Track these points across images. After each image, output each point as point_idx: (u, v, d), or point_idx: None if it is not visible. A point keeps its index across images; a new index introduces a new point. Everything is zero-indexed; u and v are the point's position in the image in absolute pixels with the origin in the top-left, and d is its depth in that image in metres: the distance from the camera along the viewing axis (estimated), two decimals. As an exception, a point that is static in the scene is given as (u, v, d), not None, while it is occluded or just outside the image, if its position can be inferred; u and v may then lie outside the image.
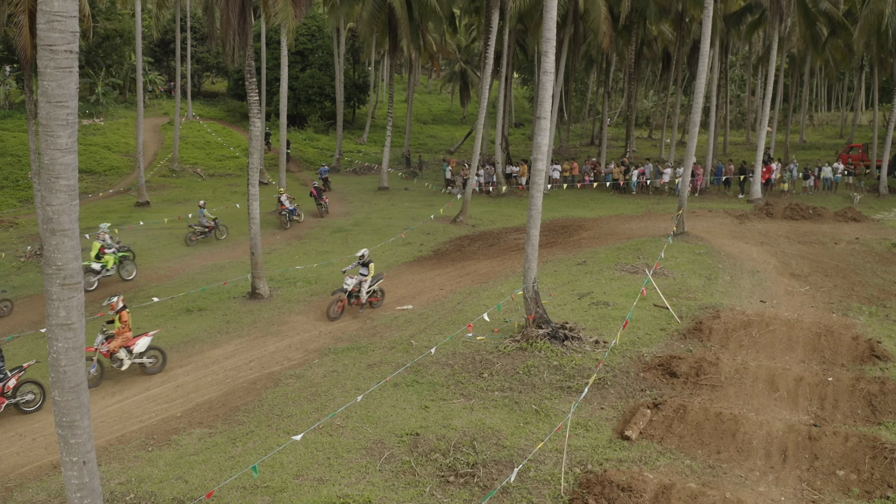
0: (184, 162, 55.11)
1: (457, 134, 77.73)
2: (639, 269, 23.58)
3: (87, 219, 38.14)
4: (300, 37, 71.06)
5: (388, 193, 43.01)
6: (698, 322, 18.14)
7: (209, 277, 25.48)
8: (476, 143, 31.96)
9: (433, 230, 30.80)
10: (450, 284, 23.00)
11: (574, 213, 33.51)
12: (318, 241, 30.32)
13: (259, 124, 20.51)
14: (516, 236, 29.12)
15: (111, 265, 25.74)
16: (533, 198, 17.12)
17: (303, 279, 24.04)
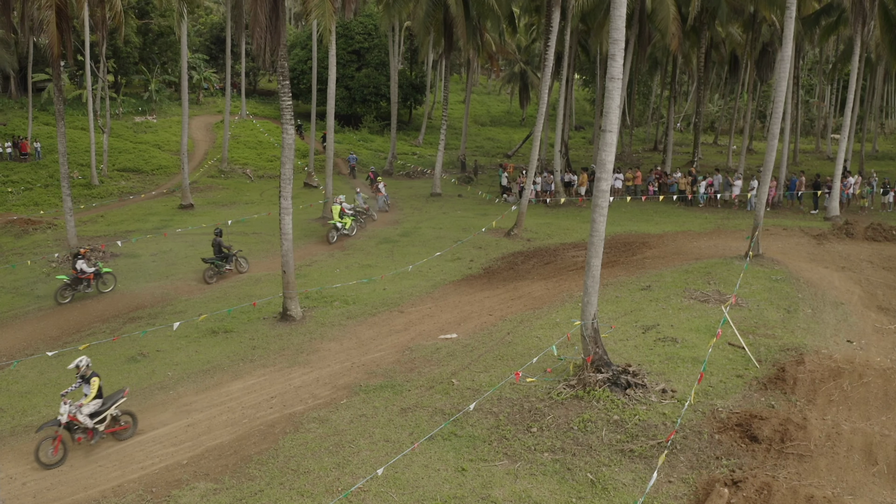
0: (233, 162, 53.92)
1: (515, 137, 75.49)
2: (709, 298, 21.20)
3: (127, 221, 37.08)
4: (356, 35, 69.69)
5: (441, 200, 41.03)
6: (780, 368, 15.74)
7: (242, 293, 23.80)
8: (534, 150, 29.73)
9: (485, 244, 28.71)
10: (500, 309, 20.87)
11: (637, 228, 31.07)
12: (363, 254, 28.46)
13: (291, 131, 18.67)
14: (574, 253, 26.86)
15: (349, 226, 31.76)
16: (595, 222, 14.92)
17: (340, 298, 22.15)
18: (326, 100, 63.60)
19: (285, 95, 18.62)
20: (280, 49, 17.63)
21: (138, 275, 27.08)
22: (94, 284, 24.61)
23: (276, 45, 17.35)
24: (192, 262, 28.42)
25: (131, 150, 54.37)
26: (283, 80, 18.45)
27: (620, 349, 16.95)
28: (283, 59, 17.95)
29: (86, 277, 24.18)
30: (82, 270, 24.01)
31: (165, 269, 27.66)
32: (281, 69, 18.23)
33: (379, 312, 20.78)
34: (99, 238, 34.13)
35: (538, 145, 29.31)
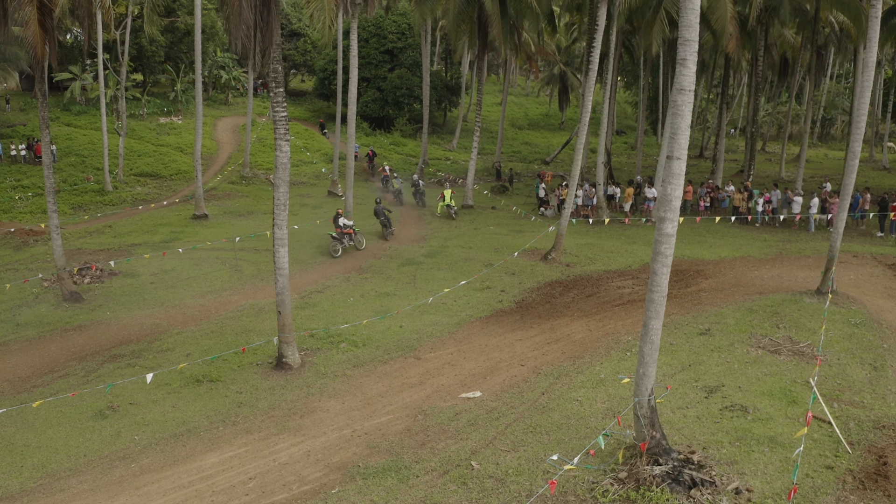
0: (256, 167, 51.30)
1: (554, 141, 72.12)
2: (780, 347, 17.93)
3: (134, 233, 34.51)
4: (389, 34, 66.88)
5: (473, 213, 37.92)
6: (879, 456, 12.46)
7: (240, 326, 20.93)
8: (576, 162, 26.46)
9: (519, 269, 25.54)
10: (533, 356, 17.71)
11: (690, 253, 27.68)
12: (382, 278, 25.45)
13: (286, 149, 15.69)
14: (619, 284, 23.60)
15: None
16: (656, 274, 11.76)
17: (349, 339, 19.13)
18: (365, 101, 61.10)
19: (279, 105, 15.64)
20: (272, 50, 14.66)
21: (131, 299, 24.39)
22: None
23: (267, 45, 14.39)
24: (194, 285, 25.71)
25: (151, 154, 52.04)
26: (277, 86, 15.47)
27: (679, 421, 13.75)
28: (275, 63, 14.99)
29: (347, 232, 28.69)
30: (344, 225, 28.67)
31: (163, 293, 24.92)
32: (274, 74, 15.27)
33: (392, 359, 17.73)
34: (101, 252, 31.63)
35: (581, 157, 26.06)
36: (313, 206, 40.99)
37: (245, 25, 13.40)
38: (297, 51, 78.89)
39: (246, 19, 13.35)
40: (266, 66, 14.79)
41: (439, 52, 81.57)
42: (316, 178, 50.05)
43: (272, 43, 14.37)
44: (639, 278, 24.17)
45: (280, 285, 16.39)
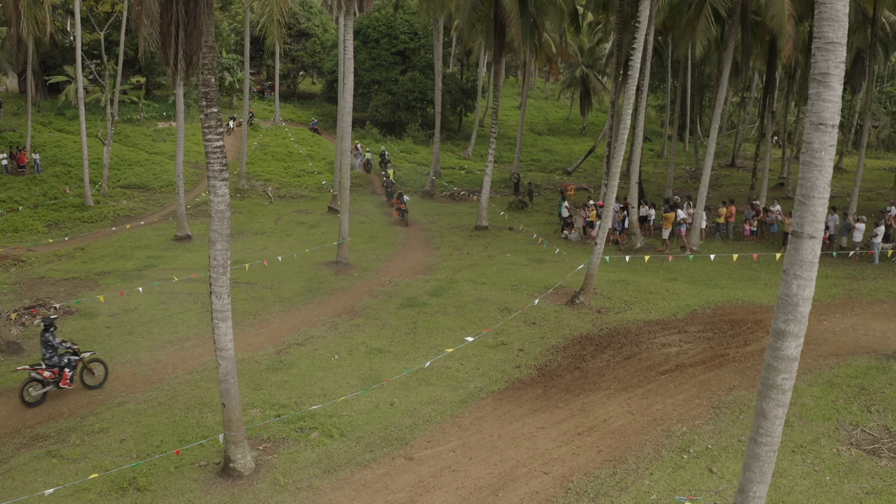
0: (255, 177, 47.38)
1: (575, 148, 67.75)
2: (879, 444, 13.89)
3: (107, 258, 30.67)
4: (401, 35, 62.86)
5: (487, 237, 33.70)
6: None
7: (193, 396, 16.86)
8: (610, 188, 22.12)
9: (540, 317, 21.30)
10: (560, 458, 13.51)
11: (743, 294, 23.37)
12: (376, 325, 21.29)
13: (224, 190, 11.59)
14: (664, 340, 19.33)
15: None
16: (766, 418, 7.80)
17: (322, 424, 15.00)
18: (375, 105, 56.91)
19: (212, 132, 11.46)
20: (202, 56, 10.54)
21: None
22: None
23: (194, 48, 10.29)
24: (155, 331, 21.70)
25: (143, 163, 48.23)
26: (208, 105, 11.31)
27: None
28: (206, 73, 10.87)
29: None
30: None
31: (117, 342, 20.91)
32: (204, 89, 11.14)
33: (375, 459, 13.56)
34: (64, 283, 27.77)
35: (616, 181, 21.75)
36: (310, 225, 36.94)
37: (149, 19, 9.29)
38: (306, 52, 75.01)
39: (151, 10, 9.24)
40: (192, 76, 10.67)
41: (455, 54, 77.41)
42: (317, 190, 46.03)
43: (200, 45, 10.27)
44: (686, 332, 19.89)
45: (223, 370, 12.27)
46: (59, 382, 17.20)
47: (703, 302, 22.32)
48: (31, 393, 16.85)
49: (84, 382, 17.72)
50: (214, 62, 10.98)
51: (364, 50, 63.44)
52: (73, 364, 17.44)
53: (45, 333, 17.17)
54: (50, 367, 17.07)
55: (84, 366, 17.73)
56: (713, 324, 20.49)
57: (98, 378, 17.85)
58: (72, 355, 17.43)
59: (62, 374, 17.18)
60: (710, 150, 28.99)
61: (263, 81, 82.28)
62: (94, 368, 17.97)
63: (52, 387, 17.17)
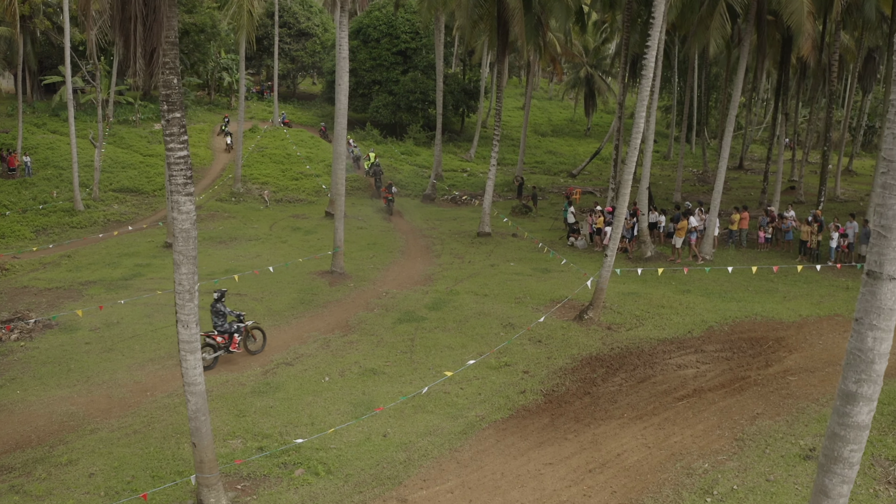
0: (252, 180, 46.04)
1: (580, 150, 66.38)
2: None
3: (94, 266, 29.43)
4: (402, 34, 61.52)
5: (490, 244, 32.35)
6: None
7: (174, 423, 15.54)
8: (622, 196, 20.70)
9: (546, 334, 19.93)
10: (570, 500, 12.18)
11: (762, 309, 21.97)
12: (370, 342, 19.95)
13: (189, 206, 10.28)
14: (680, 361, 17.97)
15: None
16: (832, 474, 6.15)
17: (308, 458, 13.66)
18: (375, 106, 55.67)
19: (175, 140, 10.12)
20: (164, 53, 9.21)
21: (54, 369, 19.13)
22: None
23: (154, 44, 8.97)
24: (137, 347, 20.41)
25: (137, 165, 46.89)
26: (171, 110, 9.96)
27: None
28: (169, 73, 9.54)
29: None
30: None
31: (95, 360, 19.62)
32: (166, 90, 9.80)
33: (364, 503, 12.20)
34: (48, 293, 26.54)
35: (628, 189, 20.37)
36: (306, 231, 35.61)
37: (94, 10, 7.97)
38: (306, 52, 73.69)
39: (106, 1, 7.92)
40: (153, 76, 9.35)
41: (457, 54, 76.07)
42: (315, 194, 44.69)
43: (161, 41, 8.95)
44: (704, 352, 18.53)
45: (193, 407, 10.95)
46: (230, 347, 19.10)
47: (720, 317, 20.95)
48: (205, 357, 18.15)
49: (247, 348, 19.58)
50: (177, 61, 9.65)
51: (364, 50, 62.15)
52: (241, 330, 19.34)
53: (216, 304, 19.09)
54: (221, 334, 19.03)
55: (248, 332, 19.55)
56: (731, 342, 19.12)
57: (258, 343, 19.78)
58: (238, 323, 19.31)
59: (231, 339, 19.09)
60: (723, 154, 27.63)
61: (263, 82, 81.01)
62: (255, 335, 19.84)
63: (222, 351, 19.06)
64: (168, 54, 9.33)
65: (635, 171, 49.66)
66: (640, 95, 18.95)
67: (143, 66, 9.02)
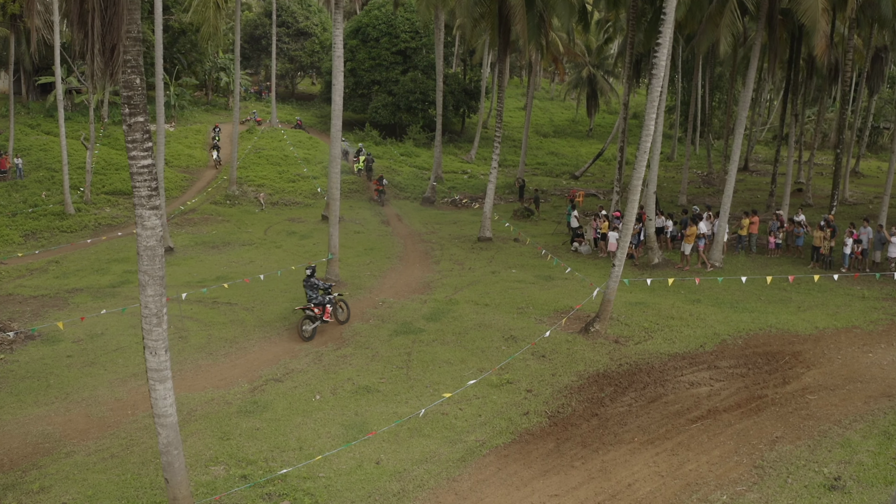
0: (247, 182, 45.08)
1: (582, 151, 65.42)
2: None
3: (82, 272, 28.51)
4: (401, 34, 60.54)
5: (491, 249, 31.37)
6: None
7: (155, 444, 14.53)
8: (632, 203, 19.67)
9: (551, 348, 18.92)
10: (578, 538, 11.17)
11: (776, 321, 20.95)
12: (365, 356, 18.96)
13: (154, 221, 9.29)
14: (692, 378, 16.95)
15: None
16: None
17: (296, 491, 12.65)
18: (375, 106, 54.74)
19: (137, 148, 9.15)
20: (125, 48, 8.22)
21: (33, 384, 18.16)
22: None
23: (115, 39, 7.99)
24: (120, 361, 19.43)
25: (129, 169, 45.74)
26: (133, 114, 8.97)
27: None
28: (130, 70, 8.56)
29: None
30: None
31: (76, 374, 18.64)
32: (127, 92, 8.81)
33: (354, 541, 11.22)
34: (33, 300, 25.61)
35: (637, 195, 19.35)
36: (302, 236, 34.64)
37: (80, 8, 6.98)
38: (304, 51, 72.77)
39: None
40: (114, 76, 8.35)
41: (458, 53, 75.07)
42: (312, 196, 43.71)
43: (122, 36, 7.97)
44: (717, 367, 17.53)
45: (164, 440, 9.96)
46: (324, 317, 20.67)
47: (733, 330, 19.95)
48: (307, 328, 20.36)
49: (337, 318, 21.36)
50: (140, 58, 8.67)
51: (364, 49, 61.20)
52: (332, 301, 21.03)
53: (309, 279, 20.73)
54: (317, 305, 20.63)
55: (336, 303, 21.15)
56: (746, 357, 18.12)
57: (345, 314, 21.58)
58: (328, 294, 20.88)
59: (325, 309, 20.69)
60: (733, 157, 26.59)
61: (262, 82, 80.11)
62: (342, 306, 21.59)
63: (318, 322, 20.63)
64: (130, 51, 8.34)
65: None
66: (650, 96, 17.93)
67: (102, 64, 8.05)
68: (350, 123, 64.62)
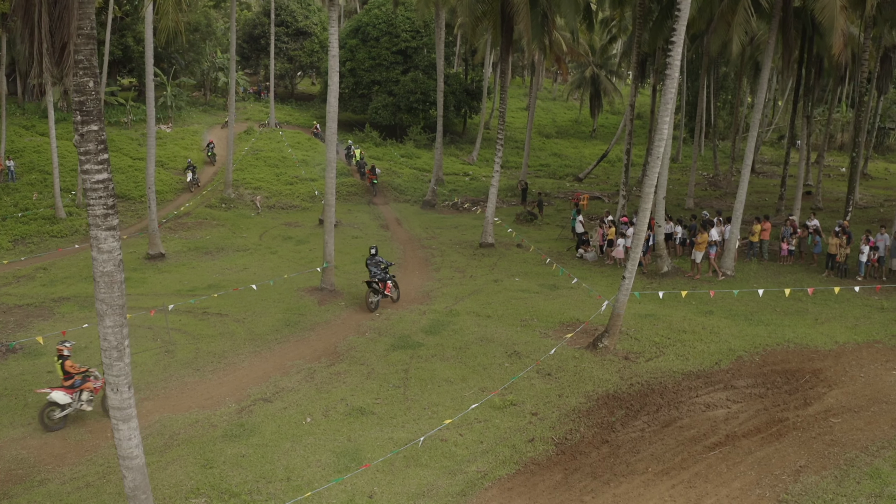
0: (244, 185, 44.08)
1: (585, 152, 64.38)
2: None
3: (70, 280, 27.57)
4: (402, 33, 59.50)
5: (493, 255, 30.33)
6: None
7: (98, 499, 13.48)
8: (644, 208, 18.61)
9: (557, 366, 17.86)
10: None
11: (794, 334, 19.89)
12: (360, 374, 17.93)
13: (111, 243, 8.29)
14: (707, 399, 15.91)
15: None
16: None
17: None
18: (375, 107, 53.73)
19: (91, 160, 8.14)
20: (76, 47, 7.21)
21: (9, 403, 17.17)
22: None
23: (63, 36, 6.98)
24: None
25: (125, 170, 44.87)
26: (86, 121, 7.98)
27: None
28: (83, 72, 7.55)
29: None
30: None
31: (54, 392, 17.56)
32: (79, 96, 7.80)
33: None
34: (17, 310, 24.59)
35: (650, 204, 18.30)
36: (298, 241, 33.62)
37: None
38: (304, 51, 71.75)
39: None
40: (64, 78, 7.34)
41: (459, 53, 74.04)
42: (310, 200, 42.71)
43: (73, 32, 6.96)
44: (734, 388, 16.47)
45: (130, 484, 8.95)
46: (384, 291, 22.86)
47: (749, 345, 18.89)
48: (373, 300, 22.62)
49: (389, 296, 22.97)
50: (94, 58, 7.65)
51: (363, 49, 60.18)
52: (392, 278, 23.51)
53: (374, 257, 23.17)
54: (380, 281, 22.64)
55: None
56: (764, 376, 17.06)
57: (399, 290, 23.46)
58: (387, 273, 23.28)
59: (385, 285, 22.95)
60: (746, 161, 25.50)
61: (261, 82, 79.11)
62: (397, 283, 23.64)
63: (380, 296, 22.78)
64: (82, 50, 7.33)
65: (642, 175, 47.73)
66: (664, 98, 16.82)
67: (51, 64, 7.05)
68: (350, 124, 63.63)
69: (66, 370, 16.26)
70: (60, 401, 15.73)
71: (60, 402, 15.74)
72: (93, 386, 16.38)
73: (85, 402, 16.20)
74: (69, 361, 16.43)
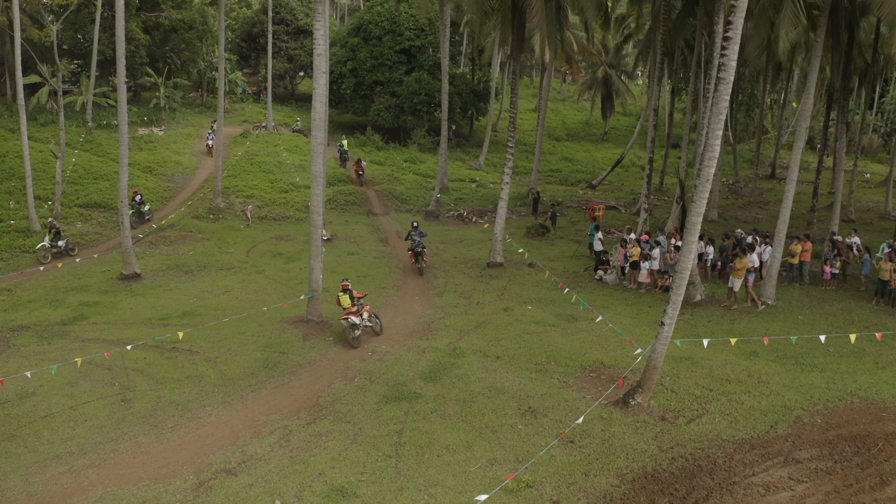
0: (237, 192, 41.27)
1: (598, 156, 61.47)
2: None
3: (35, 303, 24.73)
4: (405, 31, 56.62)
5: (502, 277, 27.43)
6: None
7: None
8: (688, 241, 15.50)
9: (582, 430, 14.80)
10: None
11: (851, 382, 16.86)
12: (345, 433, 15.04)
13: None
14: (765, 479, 12.92)
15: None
16: None
17: None
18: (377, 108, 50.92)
19: None
20: None
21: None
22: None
23: None
24: (44, 437, 15.59)
25: (111, 176, 42.09)
26: None
27: None
28: None
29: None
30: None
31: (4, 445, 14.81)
32: None
33: None
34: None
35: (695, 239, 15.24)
36: (288, 258, 30.79)
37: None
38: (304, 51, 68.94)
39: None
40: None
41: (466, 52, 71.15)
42: (304, 209, 39.84)
43: None
44: (797, 461, 13.49)
45: None
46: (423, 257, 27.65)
47: (806, 399, 15.92)
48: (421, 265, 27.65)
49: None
50: None
51: (365, 48, 57.36)
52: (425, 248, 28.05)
53: (417, 228, 28.29)
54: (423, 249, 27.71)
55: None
56: (829, 444, 14.10)
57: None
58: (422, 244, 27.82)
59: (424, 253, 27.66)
60: (791, 175, 22.34)
61: (260, 82, 76.40)
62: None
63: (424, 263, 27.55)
64: None
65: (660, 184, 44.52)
66: (717, 108, 13.69)
67: None
68: (351, 127, 60.96)
69: (352, 298, 20.15)
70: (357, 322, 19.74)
71: (357, 322, 19.74)
72: (367, 308, 20.40)
73: (366, 320, 20.38)
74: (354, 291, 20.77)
